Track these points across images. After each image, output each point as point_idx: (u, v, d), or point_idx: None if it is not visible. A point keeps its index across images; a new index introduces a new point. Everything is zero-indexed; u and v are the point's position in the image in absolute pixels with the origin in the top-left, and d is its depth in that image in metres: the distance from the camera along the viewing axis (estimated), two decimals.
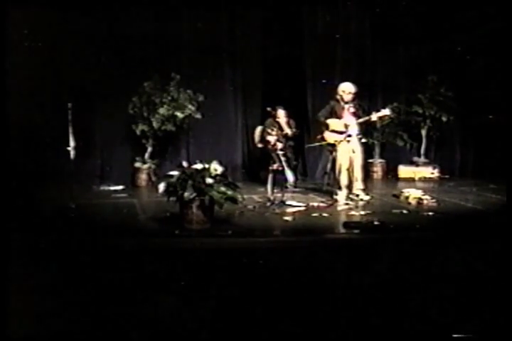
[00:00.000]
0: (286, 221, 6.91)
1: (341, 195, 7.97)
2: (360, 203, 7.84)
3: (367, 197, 8.02)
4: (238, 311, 4.33)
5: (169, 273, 4.86)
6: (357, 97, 8.16)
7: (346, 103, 8.05)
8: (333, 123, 8.07)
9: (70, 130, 7.40)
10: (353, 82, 8.37)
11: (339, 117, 8.05)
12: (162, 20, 9.87)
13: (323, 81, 10.38)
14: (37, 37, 8.93)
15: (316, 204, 7.80)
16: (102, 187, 9.31)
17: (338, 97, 8.11)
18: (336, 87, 8.27)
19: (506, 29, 8.42)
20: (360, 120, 8.02)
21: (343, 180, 7.97)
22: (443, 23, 10.24)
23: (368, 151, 8.62)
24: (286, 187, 8.51)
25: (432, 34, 10.29)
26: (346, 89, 8.08)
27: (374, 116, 7.99)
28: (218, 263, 5.11)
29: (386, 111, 8.14)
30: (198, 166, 6.41)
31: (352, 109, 8.05)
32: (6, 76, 5.25)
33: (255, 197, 8.26)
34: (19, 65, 7.92)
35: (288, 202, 7.72)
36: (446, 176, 10.41)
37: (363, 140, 8.16)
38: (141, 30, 9.73)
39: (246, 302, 4.46)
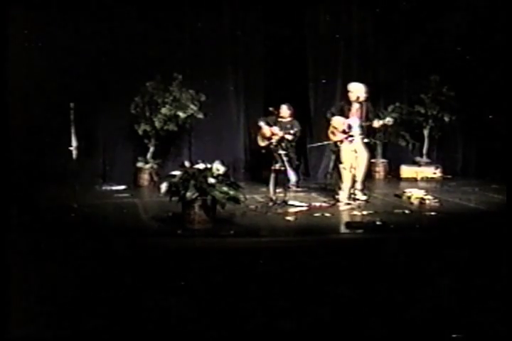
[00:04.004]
0: (289, 221, 6.90)
1: (343, 195, 7.96)
2: (359, 203, 7.81)
3: (364, 197, 8.00)
4: (240, 311, 4.32)
5: (171, 273, 4.86)
6: (368, 98, 8.07)
7: (352, 102, 8.01)
8: (336, 122, 8.03)
9: (72, 130, 7.40)
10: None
11: (346, 117, 8.01)
12: (164, 20, 9.86)
13: (323, 81, 10.40)
14: (38, 37, 8.94)
15: (318, 204, 7.80)
16: (104, 187, 9.31)
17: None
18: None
19: (507, 29, 8.42)
20: (363, 123, 7.97)
21: (345, 180, 7.95)
22: (445, 23, 10.23)
23: (370, 151, 8.56)
24: (289, 187, 8.53)
25: (434, 34, 10.27)
26: (348, 88, 8.07)
27: (376, 124, 7.93)
28: (220, 263, 5.10)
29: (389, 122, 8.05)
30: (200, 166, 6.41)
31: (355, 110, 8.01)
32: (7, 76, 5.26)
33: (257, 197, 8.25)
34: (20, 65, 7.94)
35: (290, 202, 7.71)
36: (449, 176, 10.38)
37: (365, 140, 8.12)
38: (143, 30, 9.73)
39: (248, 302, 4.46)
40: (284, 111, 9.23)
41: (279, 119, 9.14)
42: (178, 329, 4.12)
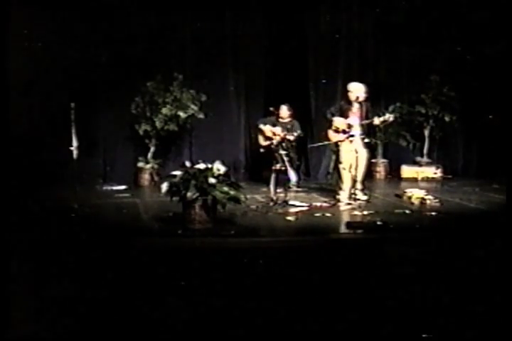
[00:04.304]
0: (289, 221, 6.90)
1: (344, 195, 7.95)
2: (360, 203, 7.81)
3: (364, 197, 7.99)
4: (241, 311, 4.32)
5: (171, 273, 4.86)
6: (367, 98, 8.05)
7: (352, 102, 7.98)
8: (337, 121, 8.01)
9: (73, 130, 7.40)
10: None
11: (346, 117, 7.99)
12: (165, 20, 9.86)
13: (323, 81, 10.41)
14: (38, 37, 8.95)
15: (318, 204, 7.80)
16: (104, 187, 9.32)
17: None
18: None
19: (507, 28, 8.41)
20: (363, 122, 7.96)
21: (346, 180, 7.94)
22: (445, 23, 10.22)
23: (370, 151, 8.55)
24: (289, 187, 8.52)
25: (435, 34, 10.26)
26: (348, 88, 8.05)
27: (376, 120, 7.91)
28: (221, 263, 5.10)
29: (390, 118, 8.02)
30: (201, 166, 6.41)
31: (355, 109, 7.99)
32: (7, 76, 5.26)
33: (258, 197, 8.26)
34: (21, 65, 7.94)
35: (291, 202, 7.71)
36: (449, 176, 10.37)
37: (366, 140, 8.10)
38: (144, 30, 9.74)
39: (249, 302, 4.45)
40: (284, 111, 9.23)
41: (279, 120, 9.15)
42: (177, 329, 4.11)
